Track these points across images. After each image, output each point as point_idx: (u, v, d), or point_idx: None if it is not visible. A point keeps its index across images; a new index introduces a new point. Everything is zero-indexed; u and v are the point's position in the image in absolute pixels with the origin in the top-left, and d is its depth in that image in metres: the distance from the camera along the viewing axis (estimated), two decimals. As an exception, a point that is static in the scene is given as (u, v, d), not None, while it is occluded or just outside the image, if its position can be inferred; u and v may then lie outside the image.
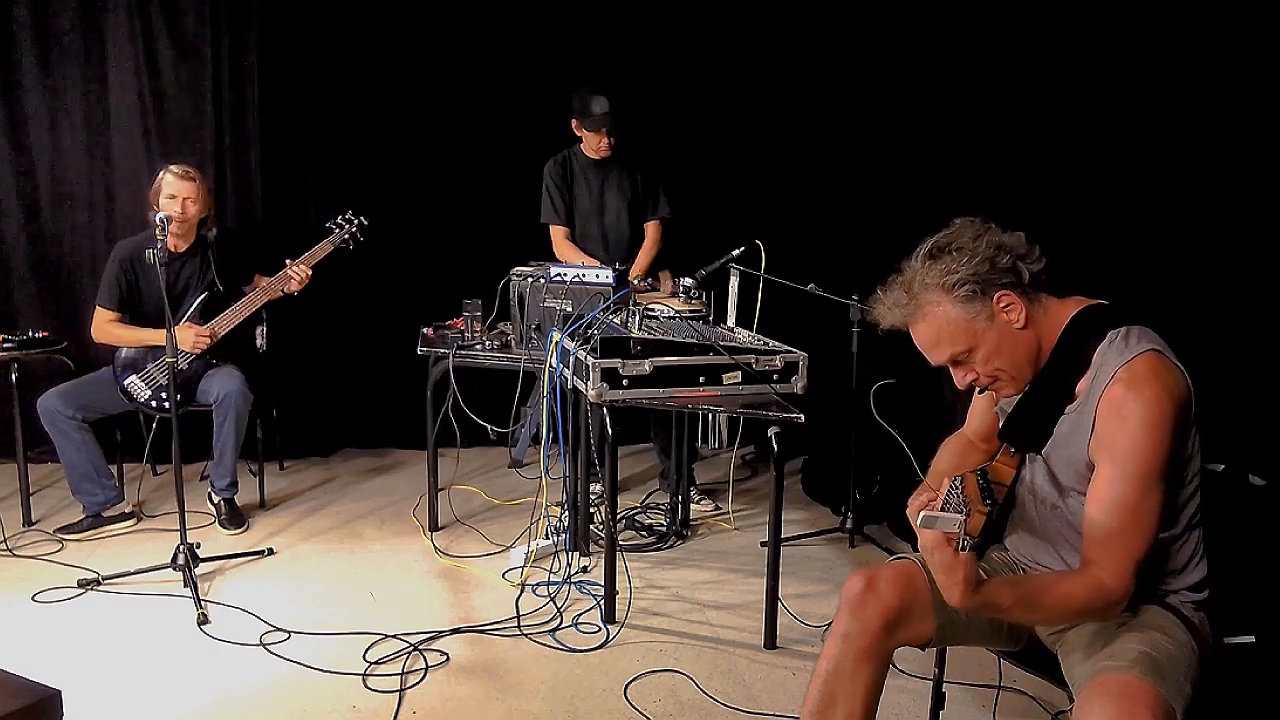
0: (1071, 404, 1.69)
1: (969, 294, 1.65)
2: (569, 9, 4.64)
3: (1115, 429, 1.60)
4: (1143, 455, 1.57)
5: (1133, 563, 1.58)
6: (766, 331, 3.27)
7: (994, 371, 1.71)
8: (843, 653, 1.78)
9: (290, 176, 4.56)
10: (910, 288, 1.69)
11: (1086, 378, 1.67)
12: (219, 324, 3.72)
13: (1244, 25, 4.22)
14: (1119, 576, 1.58)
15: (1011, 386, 1.74)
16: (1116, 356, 1.63)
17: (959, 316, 1.66)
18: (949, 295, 1.66)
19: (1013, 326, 1.67)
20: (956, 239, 1.69)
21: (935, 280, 1.66)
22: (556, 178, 4.07)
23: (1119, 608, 1.62)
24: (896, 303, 1.72)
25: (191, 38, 4.36)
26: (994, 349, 1.68)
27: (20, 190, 4.33)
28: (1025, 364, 1.71)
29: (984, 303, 1.66)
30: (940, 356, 1.72)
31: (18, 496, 3.82)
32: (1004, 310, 1.67)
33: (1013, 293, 1.66)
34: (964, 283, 1.64)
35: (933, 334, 1.70)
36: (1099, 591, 1.59)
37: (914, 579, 1.83)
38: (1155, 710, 1.49)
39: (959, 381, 1.75)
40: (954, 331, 1.68)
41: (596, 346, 2.90)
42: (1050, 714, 2.51)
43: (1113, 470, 1.60)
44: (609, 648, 2.91)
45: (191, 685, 2.65)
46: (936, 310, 1.68)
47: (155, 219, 3.13)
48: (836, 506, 3.98)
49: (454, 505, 4.05)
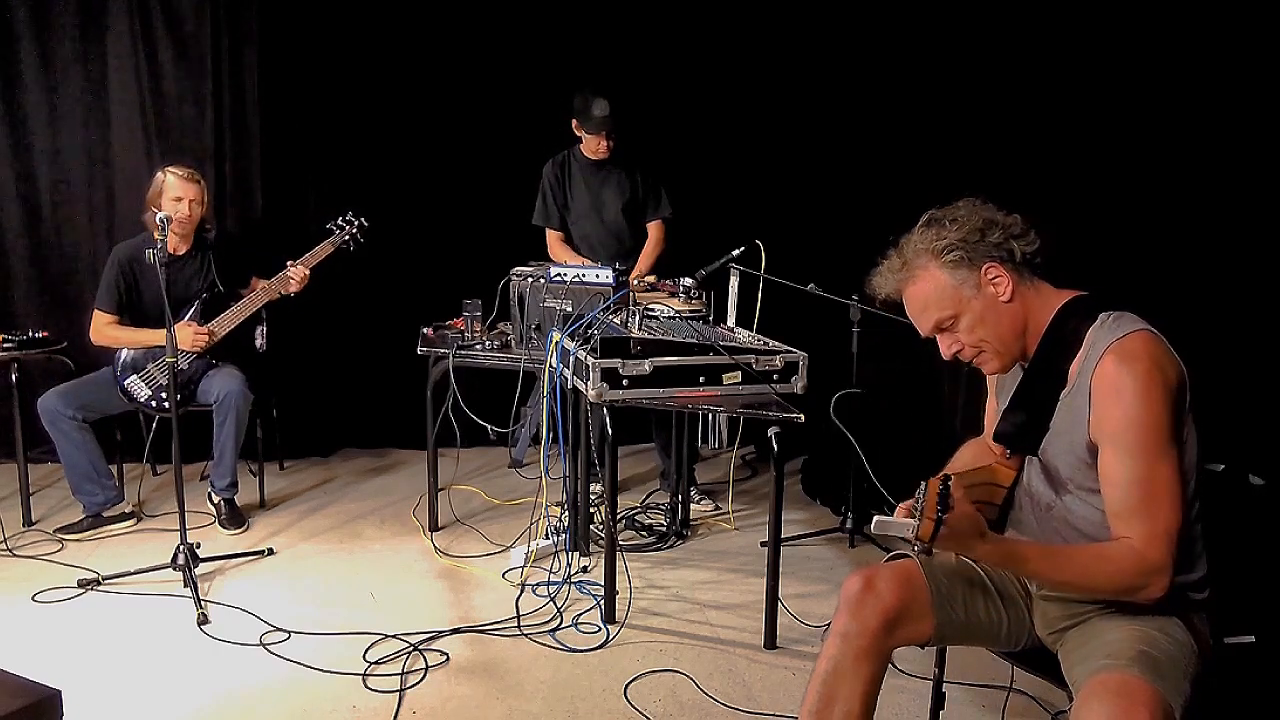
0: (1065, 389, 1.70)
1: (956, 259, 1.71)
2: (569, 9, 4.64)
3: (1111, 406, 1.61)
4: (1142, 427, 1.58)
5: (1163, 532, 1.57)
6: (766, 331, 3.27)
7: (978, 342, 1.75)
8: (842, 652, 1.79)
9: (290, 176, 4.56)
10: (904, 253, 1.76)
11: (1079, 358, 1.68)
12: (218, 325, 3.72)
13: (1241, 19, 4.22)
14: (1152, 545, 1.57)
15: (995, 360, 1.77)
16: (1108, 335, 1.65)
17: (946, 282, 1.72)
18: (937, 260, 1.72)
19: (998, 299, 1.72)
20: (952, 211, 1.76)
21: (926, 245, 1.73)
22: (553, 180, 4.07)
23: (1161, 578, 1.57)
24: (891, 268, 1.79)
25: (191, 38, 4.36)
26: (978, 318, 1.72)
27: (20, 190, 4.34)
28: (1010, 338, 1.74)
29: (971, 270, 1.71)
30: (926, 324, 1.77)
31: (18, 496, 3.82)
32: (991, 282, 1.71)
33: (1001, 266, 1.71)
34: (952, 248, 1.70)
35: (921, 299, 1.76)
36: (1133, 555, 1.57)
37: (913, 578, 1.83)
38: (1153, 709, 1.49)
39: (944, 351, 1.79)
40: (940, 296, 1.73)
41: (596, 346, 2.90)
42: (1050, 714, 2.51)
43: (1116, 449, 1.61)
44: (609, 648, 2.91)
45: (191, 685, 2.65)
46: (925, 275, 1.74)
47: (155, 219, 3.12)
48: (836, 506, 3.99)
49: (454, 505, 4.05)
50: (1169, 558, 1.57)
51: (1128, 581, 1.59)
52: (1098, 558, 1.60)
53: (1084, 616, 1.76)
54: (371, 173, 4.57)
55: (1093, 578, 1.61)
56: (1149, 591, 1.58)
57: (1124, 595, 1.62)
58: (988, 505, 1.83)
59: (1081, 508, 1.73)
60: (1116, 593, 1.63)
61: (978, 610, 1.87)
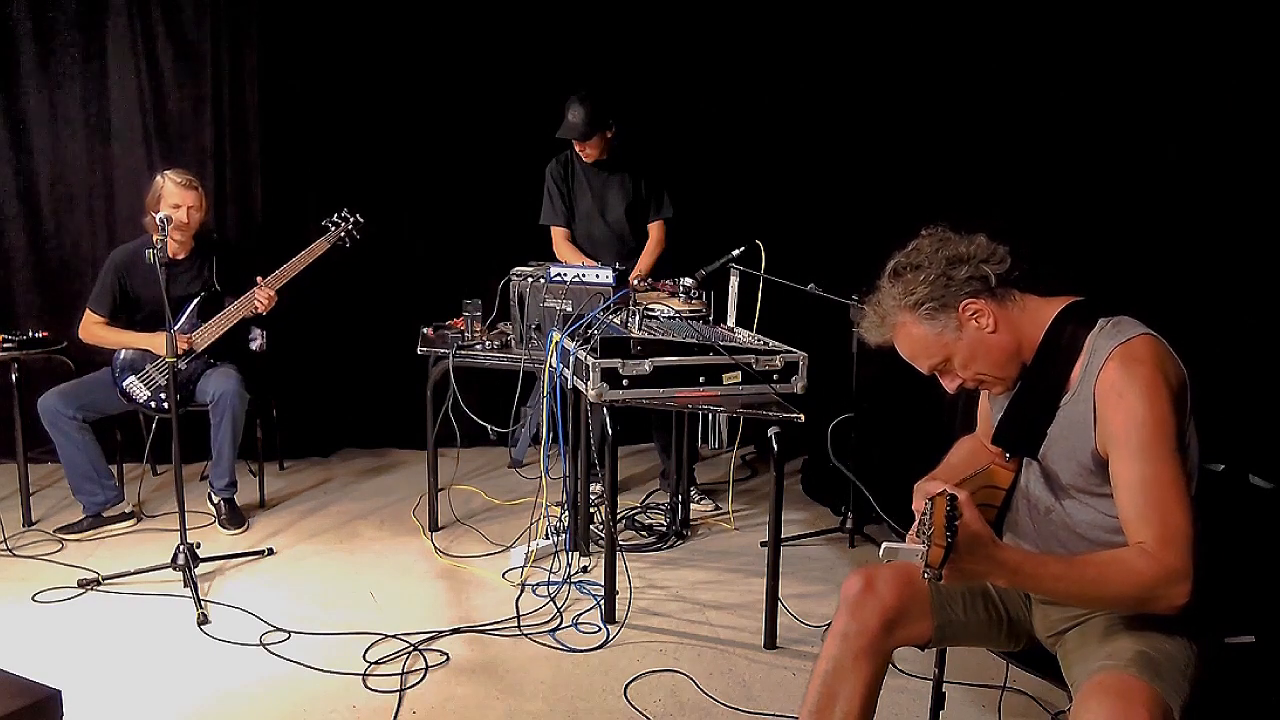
0: (1066, 395, 1.69)
1: (931, 310, 1.70)
2: (569, 9, 4.64)
3: (1115, 410, 1.59)
4: (1148, 428, 1.56)
5: (1176, 534, 1.53)
6: (766, 331, 3.27)
7: (976, 376, 1.75)
8: (842, 652, 1.79)
9: (290, 176, 4.56)
10: (879, 308, 1.76)
11: (1079, 365, 1.67)
12: (199, 337, 3.70)
13: (1238, 17, 4.22)
14: (1167, 547, 1.52)
15: (999, 386, 1.77)
16: (1109, 340, 1.64)
17: (927, 333, 1.72)
18: (912, 314, 1.72)
19: (984, 332, 1.70)
20: (914, 257, 1.74)
21: (897, 302, 1.73)
22: (558, 178, 4.07)
23: (1182, 585, 1.51)
24: (872, 324, 1.79)
25: (191, 38, 4.36)
26: (969, 356, 1.72)
27: (20, 191, 4.33)
28: (1006, 364, 1.73)
29: (949, 315, 1.70)
30: (922, 368, 1.78)
31: (18, 496, 3.82)
32: (971, 319, 1.70)
33: (978, 299, 1.69)
34: (923, 302, 1.70)
35: (908, 349, 1.77)
36: (1148, 559, 1.52)
37: (913, 579, 1.83)
38: (1152, 709, 1.48)
39: (947, 388, 1.79)
40: (926, 346, 1.73)
41: (596, 346, 2.90)
42: (1050, 714, 2.51)
43: (1124, 453, 1.59)
44: (609, 648, 2.91)
45: (191, 685, 2.65)
46: (906, 329, 1.74)
47: (156, 219, 3.12)
48: (836, 506, 3.99)
49: (454, 505, 4.05)
50: (1187, 562, 1.52)
51: (1147, 588, 1.52)
52: (1114, 562, 1.55)
53: (1083, 618, 1.76)
54: (371, 173, 4.57)
55: (1111, 585, 1.54)
56: (1171, 599, 1.52)
57: (1146, 605, 1.55)
58: (987, 508, 1.83)
59: (1083, 512, 1.72)
60: (1138, 602, 1.55)
61: (978, 611, 1.87)
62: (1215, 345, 1.80)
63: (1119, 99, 4.52)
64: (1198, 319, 4.00)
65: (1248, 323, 4.08)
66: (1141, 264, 4.30)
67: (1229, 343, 3.91)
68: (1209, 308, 4.18)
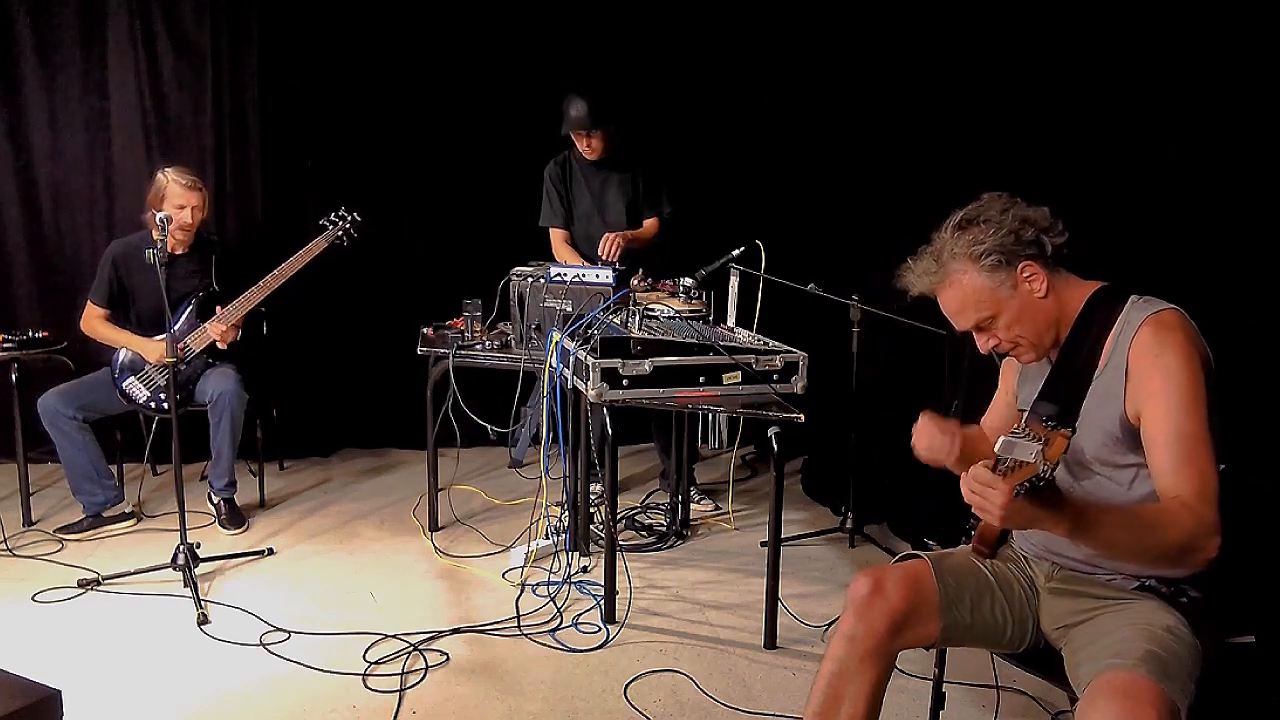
0: (1098, 369, 1.73)
1: (994, 263, 1.74)
2: (569, 9, 4.64)
3: (1153, 369, 1.64)
4: (1185, 387, 1.60)
5: (1213, 490, 1.57)
6: (766, 331, 3.27)
7: (1015, 338, 1.79)
8: (848, 654, 1.79)
9: (290, 176, 4.56)
10: (939, 257, 1.79)
11: (1111, 336, 1.72)
12: (186, 346, 3.70)
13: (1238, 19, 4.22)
14: (1203, 501, 1.55)
15: (1031, 353, 1.81)
16: (1141, 311, 1.70)
17: (984, 284, 1.75)
18: (975, 264, 1.75)
19: (1035, 295, 1.76)
20: (984, 211, 1.78)
21: (963, 250, 1.75)
22: (556, 180, 4.07)
23: (1214, 539, 1.54)
24: (926, 270, 1.81)
25: (191, 38, 4.36)
26: (1016, 316, 1.76)
27: (20, 190, 4.33)
28: (1045, 331, 1.78)
29: (1008, 272, 1.74)
30: (965, 322, 1.81)
31: (18, 496, 3.82)
32: (1027, 280, 1.75)
33: (1036, 263, 1.75)
34: (990, 253, 1.73)
35: (959, 300, 1.79)
36: (1188, 511, 1.54)
37: (921, 581, 1.83)
38: (1160, 709, 1.49)
39: (982, 346, 1.83)
40: (979, 299, 1.76)
41: (596, 346, 2.90)
42: (1050, 714, 2.51)
43: (1161, 409, 1.62)
44: (609, 648, 2.91)
45: (191, 685, 2.65)
46: (963, 278, 1.77)
47: (155, 219, 3.12)
48: (836, 506, 3.99)
49: (454, 505, 4.05)
50: (1218, 517, 1.55)
51: (1190, 538, 1.53)
52: (1162, 512, 1.56)
53: (1091, 614, 1.76)
54: (371, 172, 4.57)
55: (1160, 533, 1.53)
56: (1207, 552, 1.54)
57: (1185, 556, 1.55)
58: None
59: (1102, 489, 1.75)
60: (1181, 551, 1.54)
61: (984, 612, 1.87)
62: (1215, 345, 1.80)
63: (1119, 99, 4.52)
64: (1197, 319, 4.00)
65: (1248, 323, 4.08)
66: (1141, 264, 4.30)
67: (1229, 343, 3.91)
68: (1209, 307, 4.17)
